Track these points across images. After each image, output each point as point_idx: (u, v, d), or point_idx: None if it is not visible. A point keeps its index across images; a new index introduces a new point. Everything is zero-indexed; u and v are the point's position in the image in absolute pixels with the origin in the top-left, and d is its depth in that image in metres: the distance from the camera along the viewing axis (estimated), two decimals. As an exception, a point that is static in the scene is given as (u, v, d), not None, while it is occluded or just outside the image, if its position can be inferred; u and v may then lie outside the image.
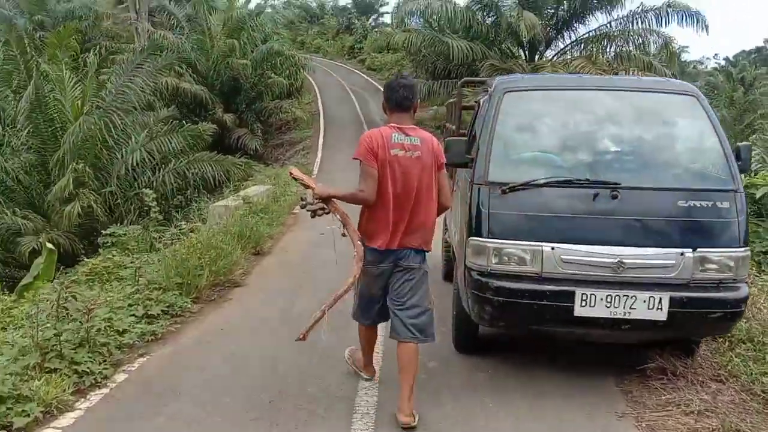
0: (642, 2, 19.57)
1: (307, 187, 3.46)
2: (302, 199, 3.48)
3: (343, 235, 3.43)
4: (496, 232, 3.60)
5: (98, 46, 22.02)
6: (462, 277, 3.85)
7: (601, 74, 13.08)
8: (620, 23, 19.93)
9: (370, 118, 22.94)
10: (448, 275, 6.16)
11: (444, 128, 7.38)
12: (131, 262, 6.72)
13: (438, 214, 3.48)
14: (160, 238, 7.70)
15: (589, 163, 3.82)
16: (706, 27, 19.10)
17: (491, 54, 19.42)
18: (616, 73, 15.65)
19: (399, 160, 3.29)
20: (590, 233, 3.53)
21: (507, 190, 3.59)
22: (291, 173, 3.51)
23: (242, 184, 14.03)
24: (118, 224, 9.37)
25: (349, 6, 52.19)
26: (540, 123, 4.01)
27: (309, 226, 5.75)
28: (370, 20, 49.47)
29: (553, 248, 3.50)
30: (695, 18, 19.03)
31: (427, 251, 3.48)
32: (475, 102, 4.87)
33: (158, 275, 5.85)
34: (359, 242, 3.36)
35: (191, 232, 7.71)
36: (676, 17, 19.13)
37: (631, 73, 16.38)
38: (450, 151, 3.84)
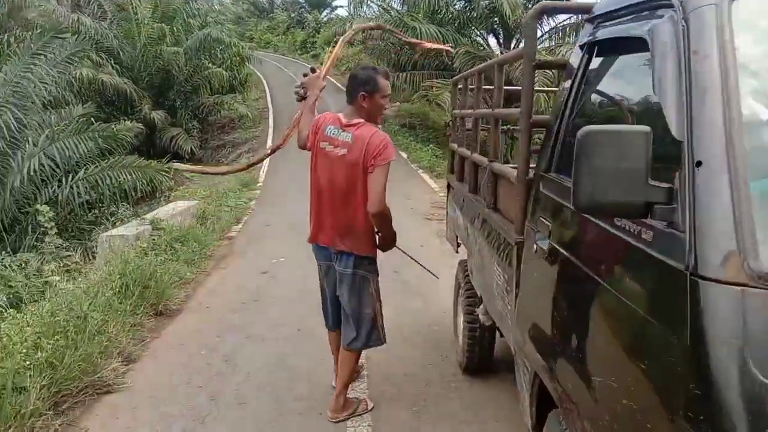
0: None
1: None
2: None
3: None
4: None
5: (6, 36, 18.87)
6: None
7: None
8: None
9: (326, 115, 20.35)
10: (478, 368, 3.67)
11: (452, 120, 4.62)
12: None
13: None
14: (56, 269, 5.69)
15: None
16: None
17: (463, 41, 17.10)
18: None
19: (326, 154, 3.15)
20: None
21: None
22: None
23: (172, 195, 11.76)
24: (13, 249, 7.60)
25: (301, 0, 49.26)
26: None
27: (250, 256, 3.21)
28: (323, 14, 46.61)
29: None
30: None
31: (363, 255, 3.18)
32: (581, 47, 2.15)
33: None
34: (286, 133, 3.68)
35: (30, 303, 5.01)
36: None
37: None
38: (601, 175, 1.21)
